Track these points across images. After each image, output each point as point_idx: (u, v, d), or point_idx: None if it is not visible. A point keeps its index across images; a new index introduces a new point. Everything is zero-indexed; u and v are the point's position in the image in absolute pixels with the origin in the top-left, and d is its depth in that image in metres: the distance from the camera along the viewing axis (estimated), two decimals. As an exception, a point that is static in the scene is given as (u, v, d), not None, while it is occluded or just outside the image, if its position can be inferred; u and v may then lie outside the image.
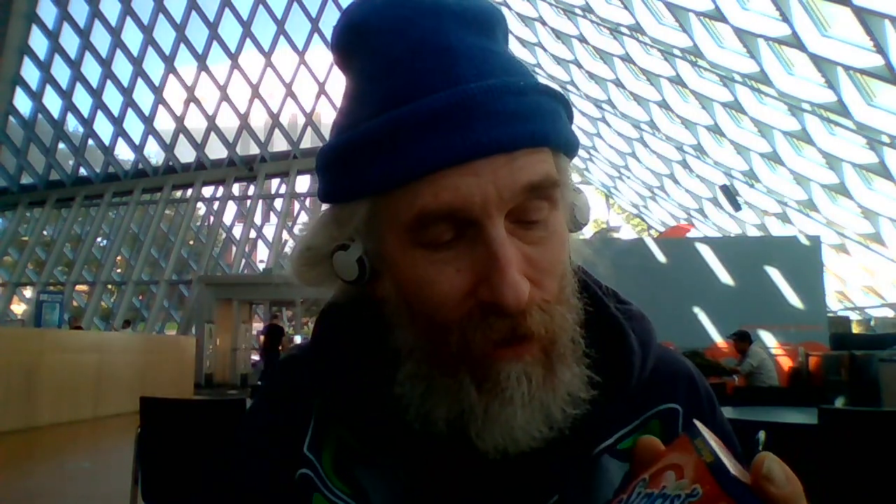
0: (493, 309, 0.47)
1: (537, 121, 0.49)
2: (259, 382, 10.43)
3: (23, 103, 20.34)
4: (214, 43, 18.98)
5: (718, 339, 8.50)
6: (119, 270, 21.36)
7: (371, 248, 0.53)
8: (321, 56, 19.42)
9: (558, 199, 0.50)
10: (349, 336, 0.57)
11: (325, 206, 0.56)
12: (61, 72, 19.82)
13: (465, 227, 0.47)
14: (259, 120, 20.39)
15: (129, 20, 18.99)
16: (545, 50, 14.09)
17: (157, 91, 19.59)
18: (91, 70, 19.59)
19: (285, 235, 21.02)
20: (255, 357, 17.96)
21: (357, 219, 0.52)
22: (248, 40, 18.93)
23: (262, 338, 14.93)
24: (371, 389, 0.53)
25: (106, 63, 19.33)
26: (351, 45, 0.53)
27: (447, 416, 0.50)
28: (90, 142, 20.49)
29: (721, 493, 0.32)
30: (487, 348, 0.48)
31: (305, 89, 19.78)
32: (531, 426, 0.48)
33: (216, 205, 20.56)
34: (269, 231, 21.78)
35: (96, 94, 19.72)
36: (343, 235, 0.54)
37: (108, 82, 19.61)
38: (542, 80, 0.53)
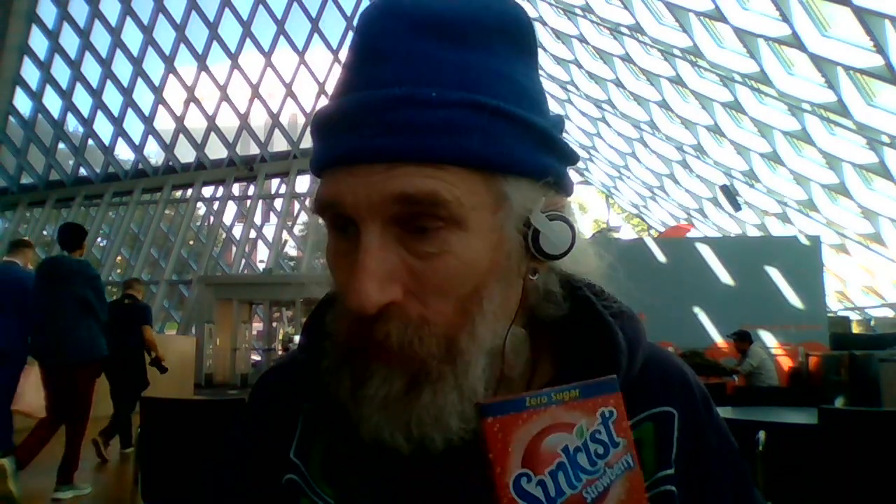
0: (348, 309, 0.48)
1: (436, 136, 0.47)
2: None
3: (23, 103, 20.35)
4: (214, 43, 18.98)
5: (718, 339, 8.50)
6: (119, 271, 21.35)
7: None
8: (321, 56, 19.42)
9: (465, 220, 0.48)
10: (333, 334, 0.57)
11: None
12: (61, 72, 19.83)
13: (352, 224, 0.49)
14: (259, 120, 20.39)
15: (129, 20, 18.99)
16: (545, 50, 14.09)
17: (157, 91, 19.59)
18: (91, 70, 19.60)
19: (285, 235, 21.03)
20: (256, 357, 17.97)
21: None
22: (248, 40, 18.92)
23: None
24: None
25: (106, 63, 19.32)
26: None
27: (337, 397, 0.52)
28: (90, 142, 20.49)
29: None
30: (357, 346, 0.50)
31: (305, 89, 19.78)
32: (386, 432, 0.49)
33: (216, 205, 20.56)
34: (269, 231, 21.78)
35: (96, 94, 19.72)
36: None
37: (108, 82, 19.61)
38: (543, 80, 0.52)
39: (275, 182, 21.28)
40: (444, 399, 0.49)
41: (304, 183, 20.89)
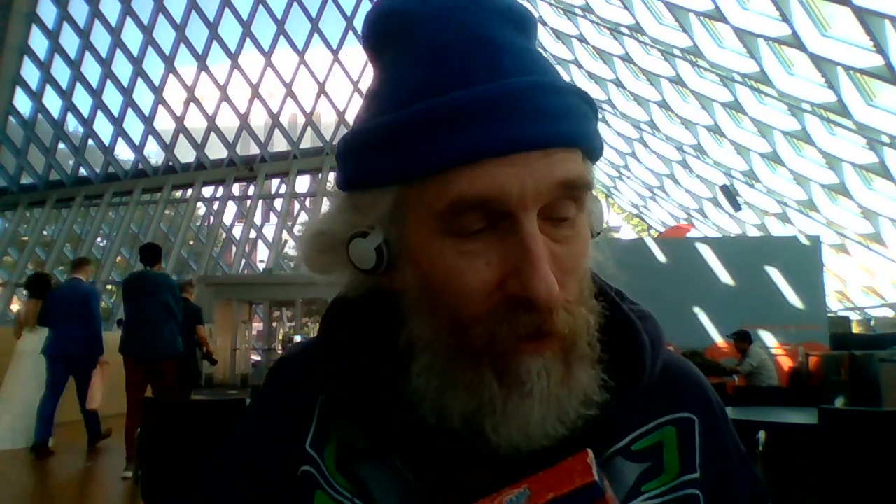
0: (521, 303, 0.47)
1: (573, 121, 0.49)
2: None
3: (23, 103, 20.32)
4: (214, 43, 18.97)
5: (718, 339, 8.50)
6: (119, 271, 21.35)
7: (393, 237, 0.52)
8: (321, 56, 19.42)
9: (585, 202, 0.51)
10: (357, 329, 0.56)
11: (343, 194, 0.56)
12: (61, 72, 19.81)
13: (498, 218, 0.47)
14: (259, 120, 20.38)
15: (129, 20, 18.98)
16: (545, 50, 14.09)
17: (157, 91, 19.58)
18: (91, 70, 19.58)
19: (285, 235, 21.01)
20: (256, 357, 17.97)
21: (382, 206, 0.51)
22: (248, 40, 18.91)
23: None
24: (379, 384, 0.53)
25: (106, 63, 19.31)
26: (390, 31, 0.53)
27: (464, 409, 0.49)
28: (90, 142, 20.47)
29: None
30: (511, 342, 0.48)
31: (305, 89, 19.77)
32: (546, 422, 0.49)
33: (216, 205, 20.55)
34: (269, 231, 21.77)
35: (96, 94, 19.71)
36: (363, 223, 0.53)
37: (108, 82, 19.59)
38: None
39: (275, 182, 21.27)
40: (590, 374, 0.51)
41: (304, 183, 20.90)
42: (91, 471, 5.91)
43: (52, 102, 20.37)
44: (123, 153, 21.74)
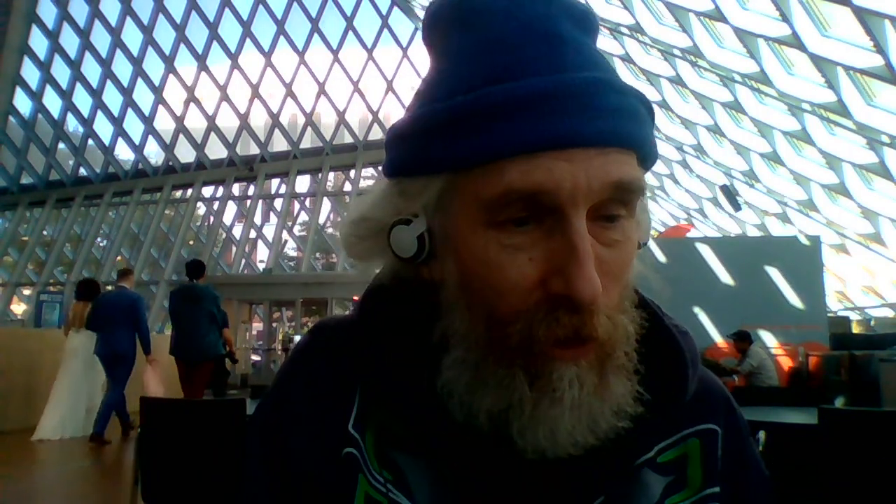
0: (563, 303, 0.45)
1: (631, 122, 0.48)
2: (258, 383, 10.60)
3: (23, 103, 20.33)
4: (214, 43, 18.97)
5: (718, 339, 8.50)
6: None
7: (437, 226, 0.51)
8: (321, 56, 19.42)
9: (635, 207, 0.49)
10: (394, 318, 0.55)
11: (389, 180, 0.55)
12: (61, 72, 19.81)
13: (545, 214, 0.46)
14: (259, 120, 20.38)
15: (129, 20, 18.98)
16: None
17: (157, 91, 19.58)
18: (91, 70, 19.59)
19: (285, 235, 21.02)
20: (256, 357, 17.96)
21: (429, 193, 0.51)
22: (248, 40, 18.92)
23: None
24: (415, 375, 0.52)
25: (106, 63, 19.31)
26: (453, 19, 0.52)
27: (491, 408, 0.48)
28: (90, 142, 20.47)
29: None
30: (547, 345, 0.46)
31: (305, 89, 19.77)
32: (575, 431, 0.47)
33: (216, 205, 20.55)
34: (269, 231, 21.78)
35: (96, 94, 19.71)
36: (408, 210, 0.52)
37: (108, 82, 19.60)
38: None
39: (275, 182, 21.27)
40: (626, 386, 0.49)
41: (304, 183, 20.90)
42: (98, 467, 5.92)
43: (52, 102, 20.40)
44: (123, 153, 21.77)
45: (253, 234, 21.45)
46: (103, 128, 20.21)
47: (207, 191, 20.78)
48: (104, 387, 7.02)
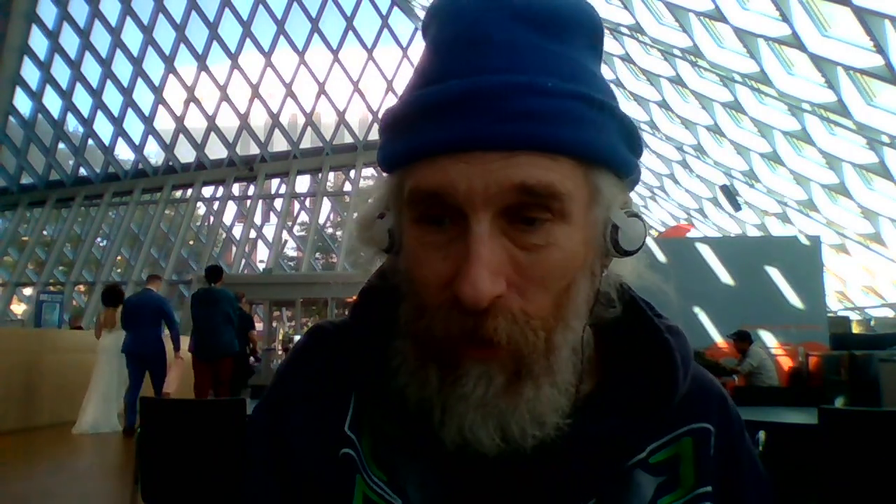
0: (456, 303, 0.46)
1: (555, 126, 0.47)
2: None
3: (23, 103, 20.32)
4: (214, 43, 18.97)
5: (718, 339, 8.50)
6: (119, 270, 21.34)
7: (395, 220, 0.54)
8: (321, 56, 19.41)
9: (570, 213, 0.48)
10: (385, 319, 0.56)
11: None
12: (61, 72, 19.81)
13: (456, 215, 0.47)
14: (259, 120, 20.38)
15: (129, 20, 18.98)
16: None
17: (157, 91, 19.58)
18: (91, 70, 19.58)
19: (285, 235, 21.02)
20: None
21: (388, 189, 0.54)
22: (248, 40, 18.91)
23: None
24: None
25: (106, 63, 19.31)
26: (424, 26, 0.54)
27: (415, 400, 0.50)
28: (90, 142, 20.47)
29: None
30: (460, 343, 0.47)
31: (305, 89, 19.77)
32: (482, 431, 0.47)
33: (216, 205, 20.55)
34: (269, 231, 21.77)
35: (96, 94, 19.71)
36: (385, 204, 0.55)
37: (108, 82, 19.59)
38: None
39: (275, 182, 21.27)
40: (545, 394, 0.48)
41: (304, 183, 20.90)
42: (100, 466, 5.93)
43: (52, 102, 20.38)
44: (123, 153, 21.76)
45: (253, 234, 21.45)
46: (103, 128, 20.22)
47: (207, 191, 20.78)
48: (126, 383, 7.38)
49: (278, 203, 20.53)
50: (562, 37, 0.50)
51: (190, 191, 20.48)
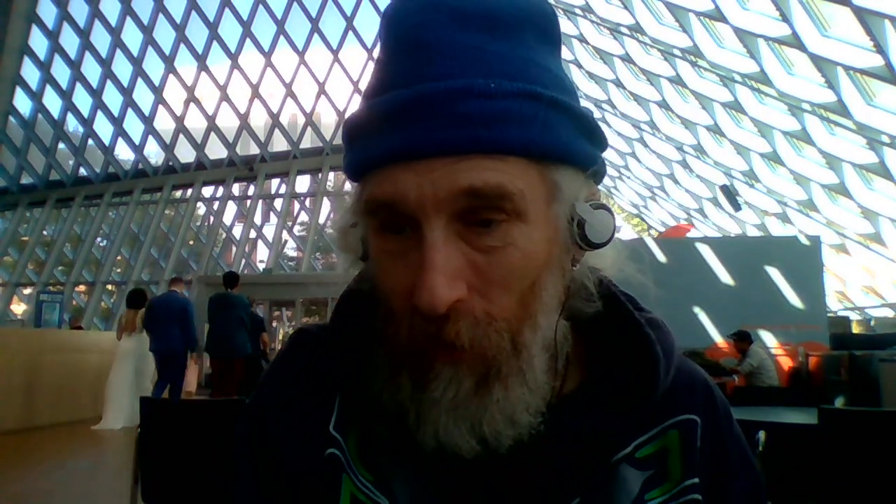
0: (418, 310, 0.46)
1: (500, 127, 0.47)
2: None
3: (23, 103, 20.32)
4: (214, 43, 18.96)
5: (718, 339, 8.50)
6: (119, 270, 21.34)
7: (364, 229, 0.54)
8: (321, 56, 19.41)
9: (526, 212, 0.48)
10: (362, 322, 0.56)
11: None
12: (61, 72, 19.80)
13: (414, 224, 0.47)
14: (259, 120, 20.37)
15: (129, 20, 18.97)
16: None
17: (157, 91, 19.57)
18: (91, 70, 19.58)
19: (285, 235, 21.00)
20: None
21: (354, 199, 0.54)
22: (248, 40, 18.91)
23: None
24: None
25: (106, 63, 19.31)
26: (378, 33, 0.54)
27: (391, 403, 0.50)
28: (90, 142, 20.47)
29: None
30: (421, 347, 0.48)
31: (305, 89, 19.76)
32: (455, 434, 0.48)
33: (216, 205, 20.55)
34: (269, 231, 21.76)
35: (96, 94, 19.70)
36: (354, 213, 0.55)
37: (108, 82, 19.59)
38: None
39: (275, 182, 21.26)
40: (515, 394, 0.48)
41: (304, 183, 20.89)
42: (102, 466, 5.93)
43: (52, 102, 20.38)
44: (123, 153, 21.76)
45: (253, 234, 21.45)
46: (103, 128, 20.21)
47: (207, 191, 20.78)
48: (153, 380, 7.71)
49: (278, 203, 20.53)
50: (507, 35, 0.50)
51: (190, 191, 20.48)
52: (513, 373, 0.48)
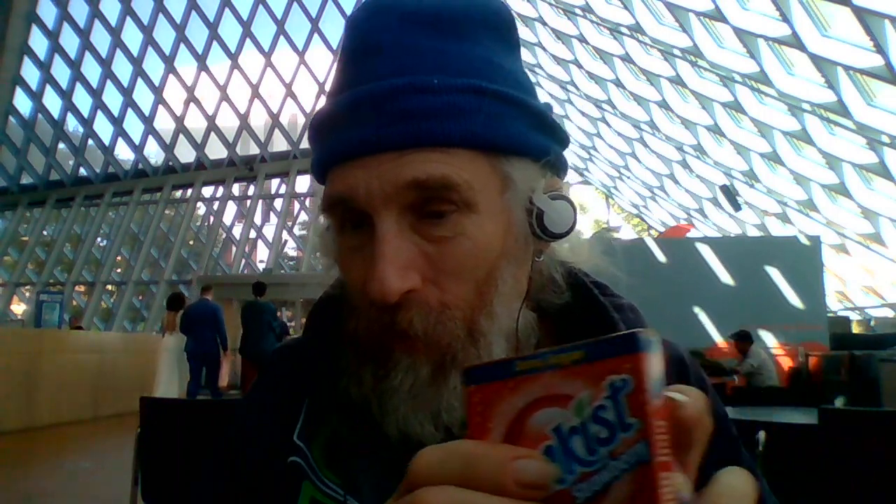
0: (372, 301, 0.48)
1: (442, 120, 0.48)
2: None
3: (23, 103, 20.33)
4: (214, 43, 18.97)
5: (719, 339, 8.50)
6: (119, 270, 21.34)
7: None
8: (321, 56, 19.41)
9: (475, 202, 0.49)
10: (336, 326, 0.57)
11: None
12: (61, 72, 19.81)
13: (369, 219, 0.49)
14: (259, 120, 20.37)
15: (129, 20, 18.98)
16: (545, 50, 14.09)
17: (157, 91, 19.58)
18: (91, 70, 19.58)
19: (285, 235, 21.00)
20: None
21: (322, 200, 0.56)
22: (248, 40, 18.91)
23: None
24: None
25: (106, 63, 19.31)
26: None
27: (356, 397, 0.52)
28: (90, 142, 20.47)
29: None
30: (378, 338, 0.49)
31: (305, 89, 19.76)
32: (415, 422, 0.49)
33: (216, 205, 20.55)
34: (269, 231, 21.76)
35: (96, 94, 19.71)
36: (321, 214, 0.57)
37: (108, 82, 19.59)
38: (543, 80, 0.53)
39: (275, 182, 21.26)
40: None
41: (304, 183, 20.88)
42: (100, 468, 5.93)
43: (52, 102, 20.38)
44: (123, 153, 21.75)
45: (253, 234, 21.45)
46: (103, 128, 20.22)
47: (207, 191, 20.78)
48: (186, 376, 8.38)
49: (278, 203, 20.53)
50: (457, 34, 0.51)
51: (190, 191, 20.48)
52: (470, 360, 0.48)
